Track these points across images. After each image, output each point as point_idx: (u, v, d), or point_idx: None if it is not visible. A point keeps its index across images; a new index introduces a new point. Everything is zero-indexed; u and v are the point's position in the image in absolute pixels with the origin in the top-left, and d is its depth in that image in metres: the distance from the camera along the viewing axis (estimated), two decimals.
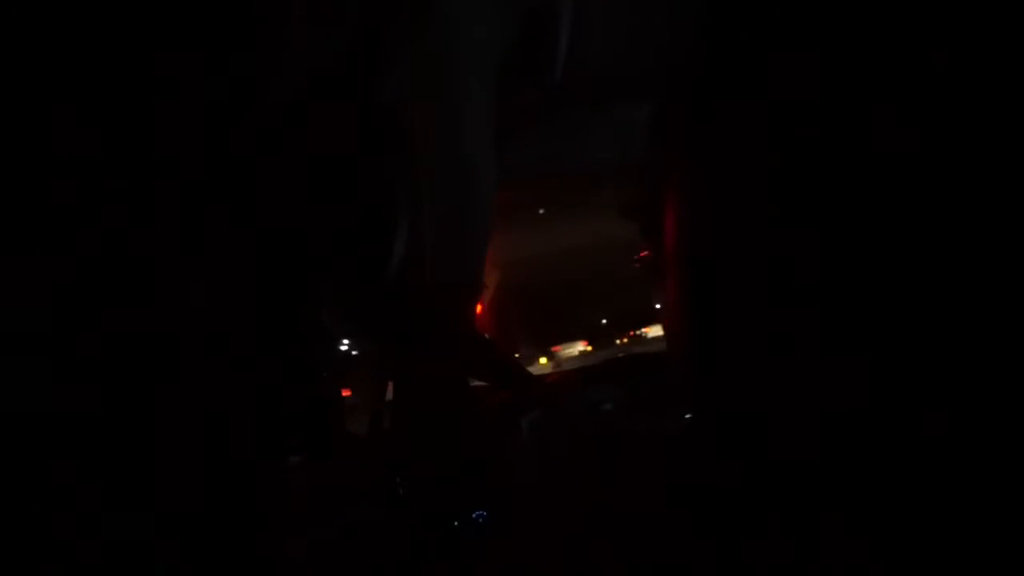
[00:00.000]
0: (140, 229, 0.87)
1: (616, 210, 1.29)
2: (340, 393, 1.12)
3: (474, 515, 0.89)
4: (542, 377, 1.24)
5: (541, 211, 2.27)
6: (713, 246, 0.85)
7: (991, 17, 0.63)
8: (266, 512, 0.89)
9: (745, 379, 0.81)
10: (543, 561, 0.85)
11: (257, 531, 0.86)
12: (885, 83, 0.69)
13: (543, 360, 3.39)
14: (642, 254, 1.33)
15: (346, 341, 1.19)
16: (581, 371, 1.27)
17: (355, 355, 1.20)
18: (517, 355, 2.86)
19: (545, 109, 1.20)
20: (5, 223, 0.81)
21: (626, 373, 1.12)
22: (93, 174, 0.87)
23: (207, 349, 0.88)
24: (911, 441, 0.67)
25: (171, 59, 0.93)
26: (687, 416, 0.94)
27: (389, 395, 1.09)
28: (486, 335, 1.28)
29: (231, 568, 0.82)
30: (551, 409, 1.04)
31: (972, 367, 0.64)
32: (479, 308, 1.10)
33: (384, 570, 0.87)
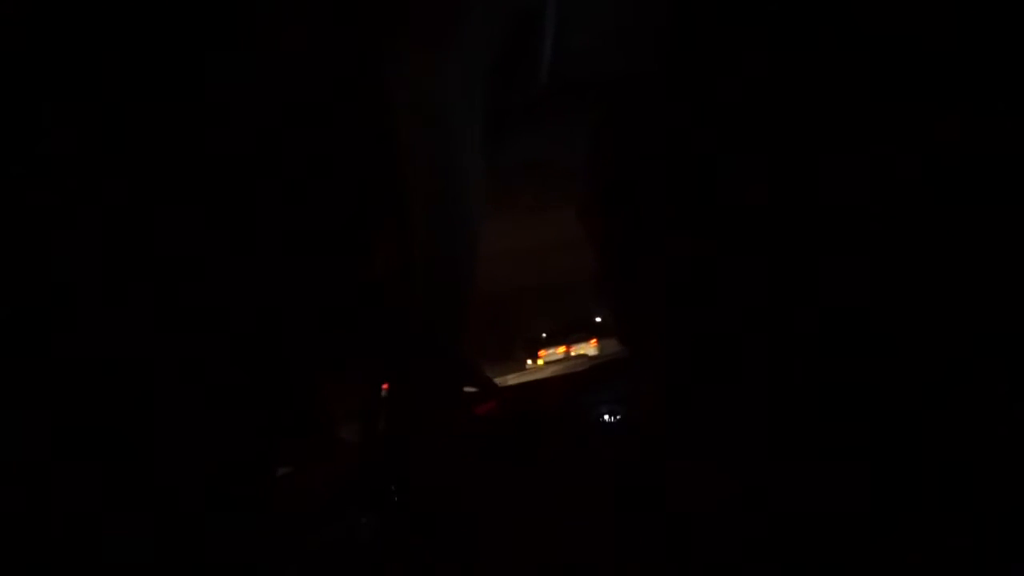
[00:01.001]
0: (136, 227, 0.83)
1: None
2: (331, 398, 1.08)
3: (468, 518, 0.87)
4: (528, 384, 1.23)
5: None
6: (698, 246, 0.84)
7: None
8: (257, 518, 0.85)
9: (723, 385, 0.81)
10: (539, 566, 0.83)
11: (248, 537, 0.82)
12: (880, 80, 0.70)
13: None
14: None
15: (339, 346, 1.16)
16: (568, 377, 1.26)
17: (348, 360, 1.16)
18: None
19: (531, 112, 1.20)
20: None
21: (613, 378, 1.12)
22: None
23: (199, 352, 0.84)
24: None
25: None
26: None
27: (383, 400, 1.06)
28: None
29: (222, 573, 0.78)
30: (546, 415, 1.03)
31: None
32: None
33: None
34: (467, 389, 1.10)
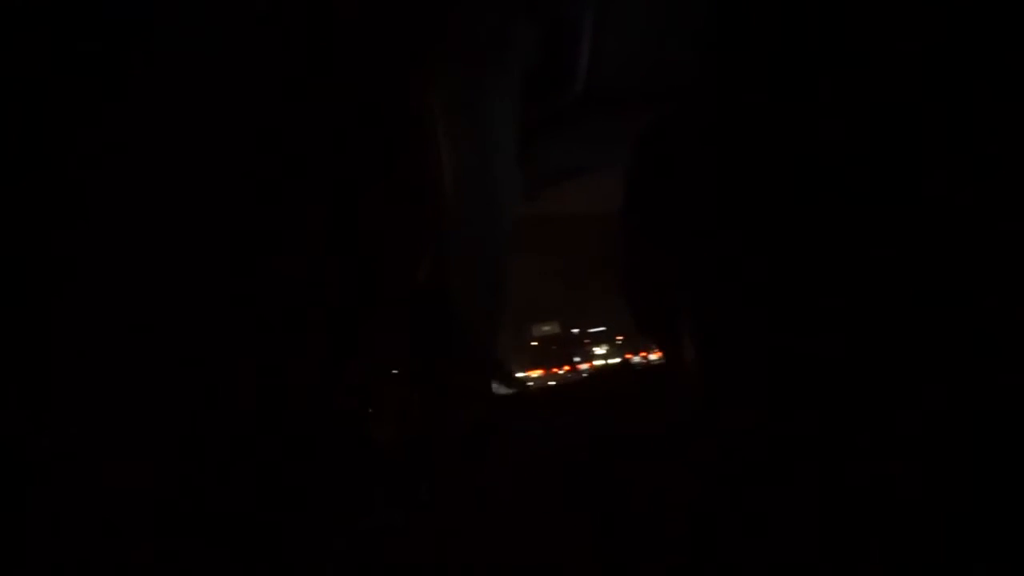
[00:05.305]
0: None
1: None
2: (365, 399, 1.08)
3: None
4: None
5: None
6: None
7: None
8: (289, 514, 0.84)
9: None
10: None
11: (281, 533, 0.82)
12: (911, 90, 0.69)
13: None
14: None
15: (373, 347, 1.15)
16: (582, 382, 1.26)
17: (381, 360, 1.16)
18: None
19: (567, 119, 1.21)
20: None
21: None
22: None
23: (235, 349, 0.84)
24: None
25: None
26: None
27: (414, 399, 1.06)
28: None
29: (254, 570, 0.78)
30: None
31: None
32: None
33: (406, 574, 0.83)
34: (496, 389, 1.10)
